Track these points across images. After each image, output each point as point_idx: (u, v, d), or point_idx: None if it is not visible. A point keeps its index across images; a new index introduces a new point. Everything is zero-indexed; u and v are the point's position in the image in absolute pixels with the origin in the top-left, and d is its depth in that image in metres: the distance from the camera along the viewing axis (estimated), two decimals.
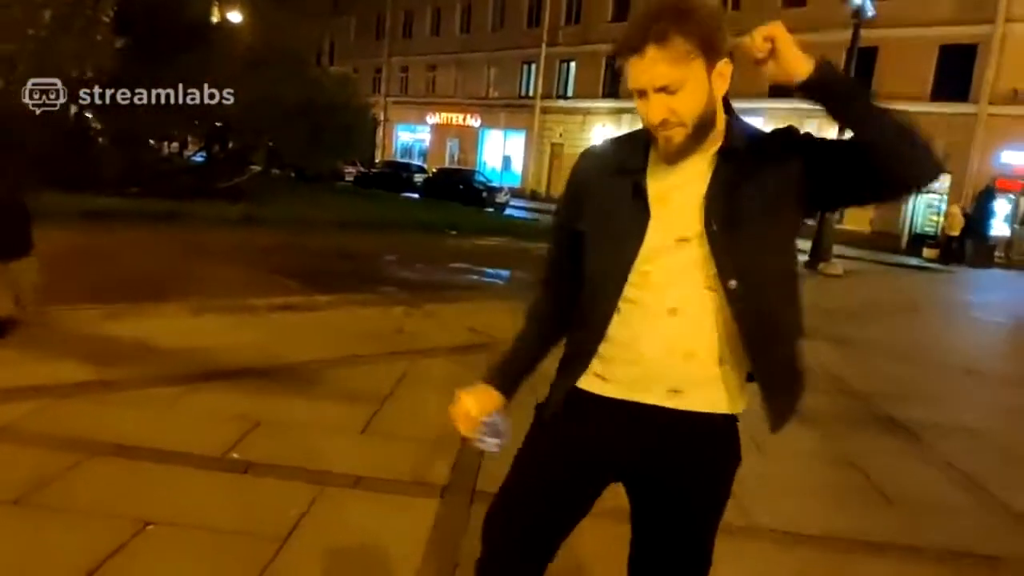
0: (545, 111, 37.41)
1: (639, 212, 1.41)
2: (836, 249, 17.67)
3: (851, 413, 5.29)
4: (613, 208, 1.44)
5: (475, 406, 1.56)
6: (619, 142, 1.53)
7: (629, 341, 1.44)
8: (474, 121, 40.95)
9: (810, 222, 24.74)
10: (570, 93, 36.75)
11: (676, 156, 1.39)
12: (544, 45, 36.80)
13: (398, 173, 31.81)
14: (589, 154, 1.58)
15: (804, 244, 17.60)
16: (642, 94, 1.35)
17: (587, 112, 35.43)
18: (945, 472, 4.28)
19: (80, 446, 3.34)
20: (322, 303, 7.06)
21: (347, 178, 30.72)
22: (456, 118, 41.62)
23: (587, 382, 1.50)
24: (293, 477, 3.26)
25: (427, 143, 44.74)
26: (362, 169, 31.12)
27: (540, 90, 37.37)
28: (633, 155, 1.46)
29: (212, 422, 3.80)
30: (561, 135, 36.90)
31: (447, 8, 41.96)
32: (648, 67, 1.31)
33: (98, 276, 5.28)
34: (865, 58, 22.56)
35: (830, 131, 1.94)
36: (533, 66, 37.79)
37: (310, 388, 4.23)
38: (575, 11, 35.73)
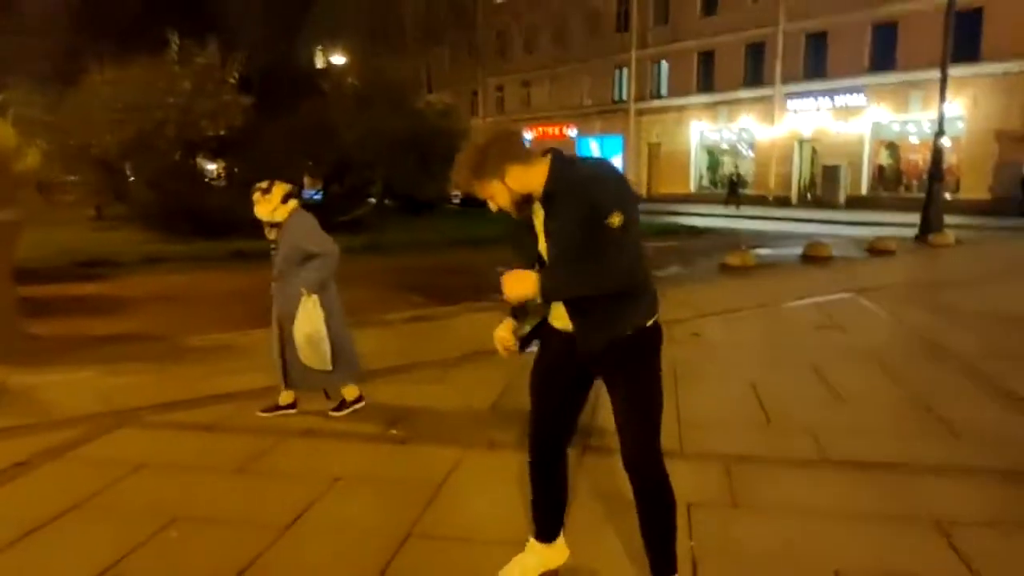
0: (640, 113, 37.63)
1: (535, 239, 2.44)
2: (955, 219, 17.11)
3: (936, 370, 5.59)
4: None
5: (504, 331, 2.56)
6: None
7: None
8: (571, 131, 41.64)
9: (918, 194, 23.58)
10: (664, 92, 36.81)
11: (521, 215, 2.40)
12: (634, 48, 37.07)
13: None
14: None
15: (914, 217, 17.19)
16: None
17: (682, 109, 35.41)
18: (1020, 414, 4.57)
19: (275, 432, 4.29)
20: (443, 313, 8.02)
21: (455, 200, 32.00)
22: (553, 130, 42.45)
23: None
24: (443, 444, 4.07)
25: None
26: None
27: (633, 93, 37.63)
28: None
29: (372, 408, 4.68)
30: (658, 135, 36.98)
31: (537, 25, 42.80)
32: (476, 191, 2.35)
33: (259, 307, 6.30)
34: (968, 20, 21.70)
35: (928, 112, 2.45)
36: (625, 70, 38.07)
37: (446, 378, 5.03)
38: (663, 11, 35.82)
